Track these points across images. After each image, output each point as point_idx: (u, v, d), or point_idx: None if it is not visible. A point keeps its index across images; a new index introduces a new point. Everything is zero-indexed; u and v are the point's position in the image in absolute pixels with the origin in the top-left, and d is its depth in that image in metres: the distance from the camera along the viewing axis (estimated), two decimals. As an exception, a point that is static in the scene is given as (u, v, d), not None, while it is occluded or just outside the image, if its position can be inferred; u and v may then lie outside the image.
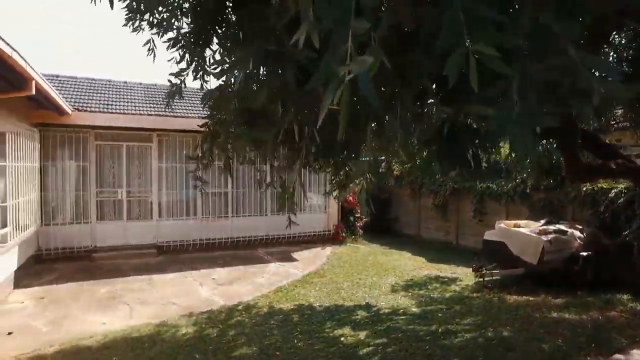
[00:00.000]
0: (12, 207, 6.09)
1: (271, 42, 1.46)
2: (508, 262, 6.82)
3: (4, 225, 5.88)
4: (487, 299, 6.29)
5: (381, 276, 7.71)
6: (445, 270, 8.33)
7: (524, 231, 6.74)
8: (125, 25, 3.15)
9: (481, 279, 6.89)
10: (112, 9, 2.44)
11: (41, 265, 7.63)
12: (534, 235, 6.49)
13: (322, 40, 0.97)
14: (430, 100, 1.54)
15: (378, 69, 0.86)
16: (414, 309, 5.91)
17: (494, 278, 6.88)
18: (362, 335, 4.92)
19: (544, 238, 6.30)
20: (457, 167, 1.62)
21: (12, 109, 6.05)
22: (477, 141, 1.58)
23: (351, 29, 0.85)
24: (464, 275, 7.75)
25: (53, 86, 6.39)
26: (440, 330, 5.02)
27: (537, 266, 6.33)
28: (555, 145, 5.67)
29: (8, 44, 3.75)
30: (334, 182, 5.30)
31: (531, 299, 6.11)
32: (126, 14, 3.07)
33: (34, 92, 5.06)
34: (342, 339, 4.80)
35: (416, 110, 1.34)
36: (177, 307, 5.80)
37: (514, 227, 7.12)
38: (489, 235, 7.46)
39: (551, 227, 6.85)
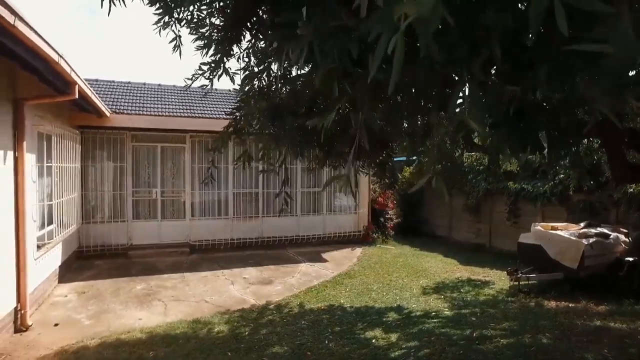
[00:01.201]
0: (57, 205, 6.38)
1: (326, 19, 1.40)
2: (545, 266, 6.58)
3: (50, 223, 6.17)
4: (523, 303, 6.09)
5: (412, 278, 7.61)
6: (478, 273, 8.13)
7: (563, 234, 6.47)
8: (156, 23, 3.16)
9: (516, 283, 6.67)
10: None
11: (82, 261, 7.96)
12: (574, 238, 6.23)
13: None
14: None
15: (440, 31, 0.77)
16: (447, 312, 5.79)
17: (530, 282, 6.65)
18: (393, 337, 4.86)
19: (584, 242, 6.03)
20: (530, 149, 1.53)
21: (57, 113, 6.34)
22: (550, 120, 1.47)
23: None
24: (498, 279, 7.54)
25: (93, 90, 6.64)
26: (474, 334, 4.89)
27: (577, 271, 6.07)
28: (598, 144, 5.41)
29: (56, 51, 3.93)
30: (380, 182, 5.27)
31: (571, 305, 5.86)
32: (158, 12, 3.08)
33: (77, 96, 5.27)
34: (373, 340, 4.76)
35: (485, 82, 1.24)
36: (210, 305, 5.92)
37: (552, 229, 6.86)
38: (524, 238, 7.22)
39: (592, 230, 6.55)
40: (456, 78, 1.47)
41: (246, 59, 3.03)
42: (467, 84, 1.29)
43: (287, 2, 2.07)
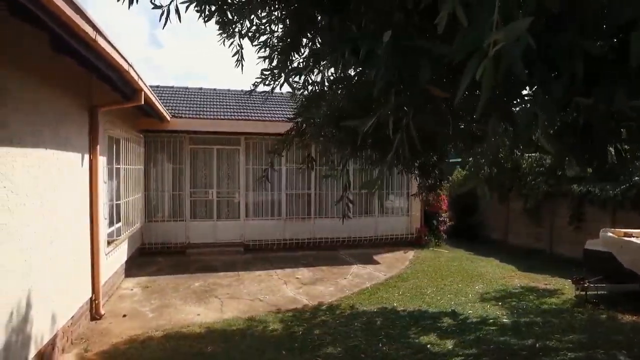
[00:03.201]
0: (123, 205, 6.83)
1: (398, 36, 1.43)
2: (616, 276, 6.09)
3: (117, 221, 6.61)
4: (592, 315, 5.68)
5: (467, 283, 7.35)
6: (539, 280, 7.69)
7: (639, 242, 5.96)
8: (219, 34, 3.29)
9: (583, 293, 6.23)
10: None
11: (144, 258, 8.42)
12: (653, 246, 5.72)
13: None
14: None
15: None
16: (505, 320, 5.54)
17: (599, 292, 6.19)
18: (449, 344, 4.72)
19: (665, 250, 5.52)
20: (596, 164, 1.46)
21: (124, 118, 6.78)
22: (621, 136, 1.41)
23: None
24: (562, 287, 7.10)
25: (156, 96, 7.03)
26: (537, 345, 4.63)
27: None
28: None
29: (126, 61, 4.22)
30: (420, 185, 5.19)
31: (651, 320, 5.39)
32: (218, 24, 3.19)
33: (142, 102, 5.61)
34: (428, 346, 4.65)
35: (563, 100, 1.21)
36: (264, 303, 6.05)
37: (624, 236, 6.34)
38: (591, 245, 6.74)
39: (675, 238, 5.98)
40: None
41: (304, 64, 3.07)
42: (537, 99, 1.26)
43: (354, 16, 2.08)
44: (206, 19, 2.78)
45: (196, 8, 2.57)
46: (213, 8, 2.58)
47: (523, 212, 10.94)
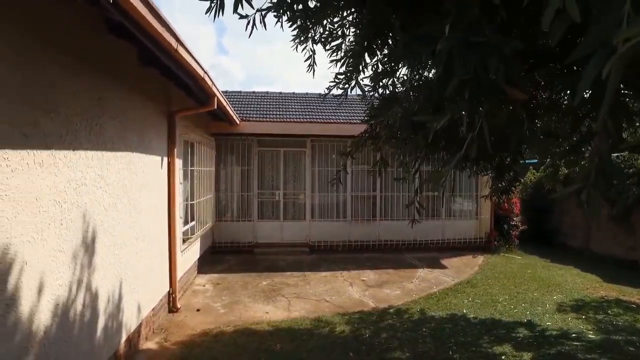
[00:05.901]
0: (197, 205, 7.23)
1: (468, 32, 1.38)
2: None
3: (191, 220, 7.02)
4: None
5: (543, 292, 6.83)
6: (631, 294, 6.93)
7: None
8: (293, 40, 3.35)
9: (688, 310, 5.53)
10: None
11: (215, 256, 8.83)
12: None
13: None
14: None
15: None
16: (591, 336, 5.06)
17: None
18: (526, 357, 4.42)
19: None
20: None
21: (197, 122, 7.19)
22: None
23: None
24: (660, 304, 6.35)
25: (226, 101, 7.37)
26: (634, 366, 4.18)
27: None
28: None
29: (202, 68, 4.47)
30: (493, 187, 4.91)
31: None
32: (293, 30, 3.26)
33: (215, 107, 5.91)
34: (502, 357, 4.39)
35: None
36: (330, 304, 6.08)
37: None
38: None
39: None
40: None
41: (376, 67, 3.05)
42: None
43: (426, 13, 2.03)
44: (289, 22, 2.83)
45: (274, 13, 2.64)
46: (296, 15, 2.64)
47: (608, 218, 9.95)
